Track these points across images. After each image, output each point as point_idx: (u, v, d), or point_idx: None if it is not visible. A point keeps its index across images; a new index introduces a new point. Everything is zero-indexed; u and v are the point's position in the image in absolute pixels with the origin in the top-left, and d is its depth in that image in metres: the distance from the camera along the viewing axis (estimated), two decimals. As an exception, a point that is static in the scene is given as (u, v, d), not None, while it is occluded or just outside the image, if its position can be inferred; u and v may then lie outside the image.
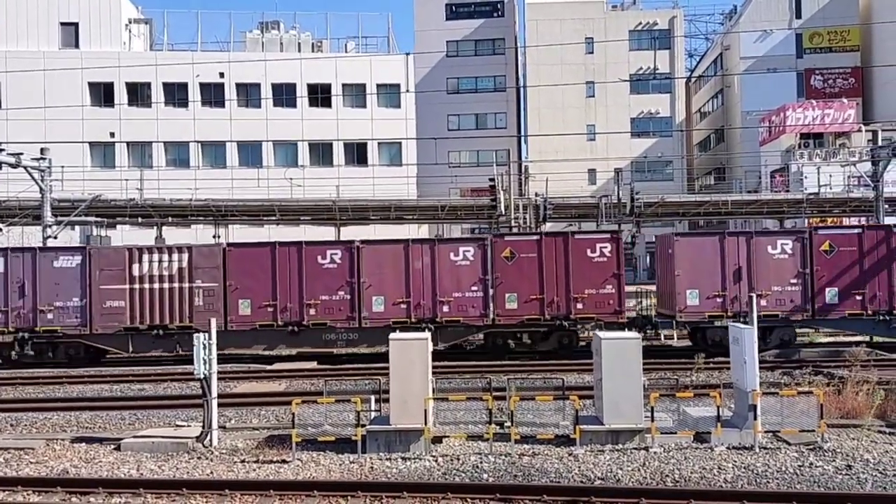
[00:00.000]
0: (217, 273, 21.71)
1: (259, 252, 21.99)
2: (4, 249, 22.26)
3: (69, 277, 21.68)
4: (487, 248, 21.56)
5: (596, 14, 57.82)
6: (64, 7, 48.74)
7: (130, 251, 21.95)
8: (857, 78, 53.45)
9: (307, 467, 11.44)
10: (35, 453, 12.59)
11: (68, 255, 21.94)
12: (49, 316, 21.66)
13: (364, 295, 21.55)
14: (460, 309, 21.52)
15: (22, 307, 21.75)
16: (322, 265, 21.67)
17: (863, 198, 33.44)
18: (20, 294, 21.74)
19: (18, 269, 21.78)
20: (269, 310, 21.72)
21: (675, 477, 10.52)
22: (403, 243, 21.94)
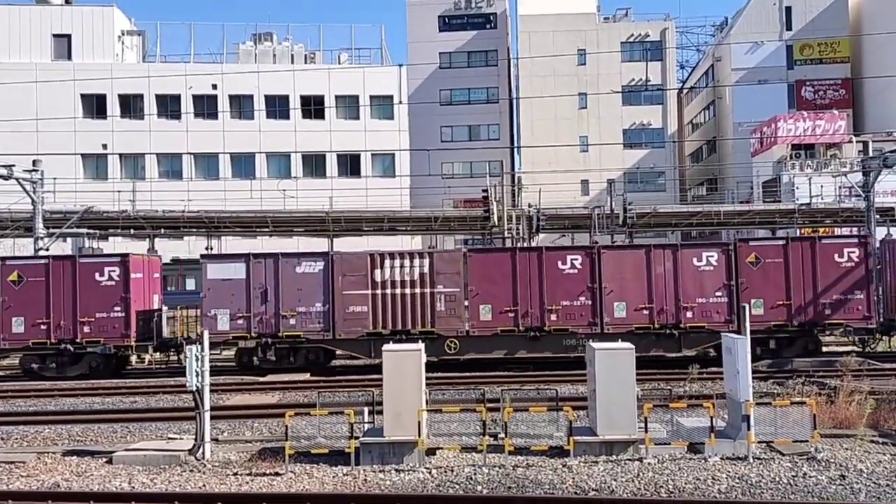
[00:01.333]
0: (458, 278, 21.70)
1: (499, 258, 22.08)
2: (247, 255, 22.20)
3: (312, 283, 21.69)
4: (731, 253, 21.50)
5: (588, 26, 58.12)
6: (56, 19, 48.77)
7: (372, 256, 21.92)
8: (847, 89, 53.82)
9: (300, 480, 11.38)
10: (26, 467, 12.49)
11: (311, 260, 21.98)
12: (291, 321, 21.64)
13: (605, 300, 21.42)
14: (704, 314, 21.39)
15: (264, 313, 21.68)
16: (562, 270, 21.61)
17: (854, 208, 33.61)
18: (263, 300, 21.70)
19: (261, 274, 21.75)
20: (509, 315, 21.59)
21: (669, 488, 10.51)
22: (645, 248, 21.97)
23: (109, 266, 22.07)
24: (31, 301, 21.88)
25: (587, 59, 57.20)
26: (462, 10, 59.67)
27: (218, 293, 21.65)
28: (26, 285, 21.95)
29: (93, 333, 21.88)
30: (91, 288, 21.94)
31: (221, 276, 21.76)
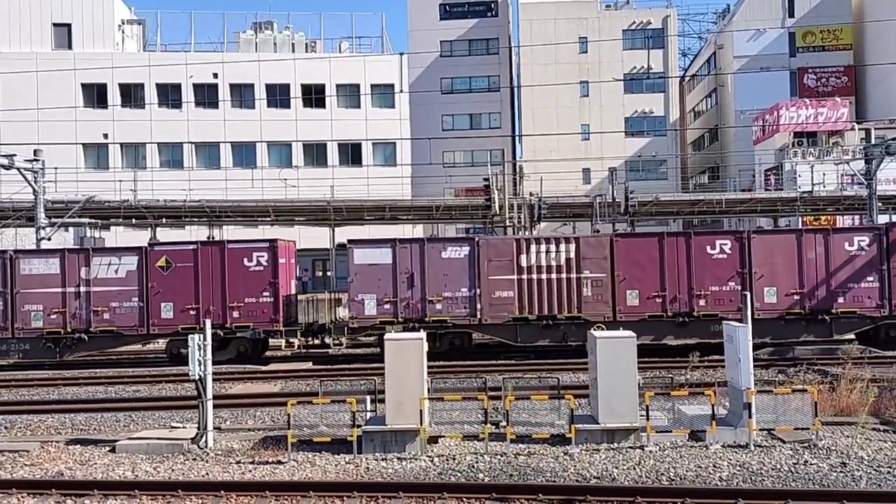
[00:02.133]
0: (605, 263, 21.67)
1: (647, 243, 22.03)
2: (393, 240, 22.23)
3: (457, 268, 21.73)
4: (882, 237, 21.44)
5: (589, 13, 57.86)
6: (56, 8, 48.58)
7: (518, 242, 21.98)
8: (849, 76, 53.60)
9: (303, 468, 11.43)
10: (30, 455, 12.55)
11: (456, 245, 22.07)
12: (438, 306, 21.68)
13: (755, 286, 21.33)
14: (856, 300, 21.38)
15: (411, 297, 21.72)
16: (711, 255, 21.59)
17: (856, 196, 33.53)
18: (409, 284, 21.75)
19: (407, 259, 21.77)
20: (657, 301, 21.63)
21: (671, 475, 10.54)
22: (796, 233, 21.98)
23: (258, 251, 22.09)
24: (180, 287, 21.86)
25: (589, 46, 56.96)
26: (463, -2, 59.44)
27: (365, 278, 21.70)
28: (175, 271, 21.90)
29: (241, 318, 21.87)
30: (240, 273, 21.91)
31: (368, 261, 21.80)
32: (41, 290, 21.93)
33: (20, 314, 21.87)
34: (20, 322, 21.85)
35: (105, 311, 21.88)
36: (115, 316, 21.90)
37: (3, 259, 21.98)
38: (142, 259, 21.92)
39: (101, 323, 21.94)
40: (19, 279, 21.92)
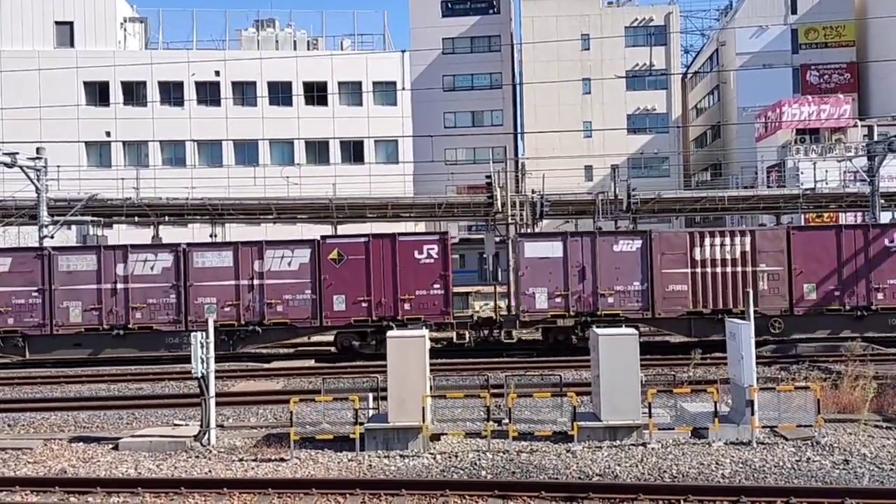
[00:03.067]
0: (781, 257, 21.46)
1: (824, 235, 21.88)
2: (564, 234, 22.32)
3: (629, 261, 21.59)
4: None
5: (592, 10, 57.81)
6: (59, 6, 48.58)
7: (692, 235, 21.82)
8: (852, 73, 53.49)
9: (305, 465, 11.44)
10: (33, 453, 12.57)
11: (628, 239, 21.98)
12: (610, 300, 21.55)
13: None
14: None
15: (582, 291, 21.60)
16: (889, 248, 21.45)
17: (859, 193, 33.46)
18: (580, 278, 21.63)
19: (578, 253, 21.67)
20: (834, 294, 21.46)
21: (673, 472, 10.54)
22: None
23: (429, 244, 22.01)
24: (352, 279, 21.79)
25: (591, 44, 56.93)
26: (465, -5, 59.41)
27: (536, 271, 21.63)
28: (347, 263, 21.84)
29: (413, 311, 21.77)
30: (411, 265, 21.81)
31: (539, 254, 21.75)
32: (214, 282, 21.91)
33: (193, 307, 21.83)
34: (194, 315, 21.77)
35: (278, 303, 21.78)
36: (288, 308, 21.83)
37: (176, 252, 21.97)
38: (314, 252, 21.86)
39: (274, 315, 21.83)
40: (193, 272, 21.85)
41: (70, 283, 21.90)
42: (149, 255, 22.08)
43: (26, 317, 21.86)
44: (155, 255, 22.11)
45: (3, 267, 21.94)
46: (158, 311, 21.91)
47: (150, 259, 22.01)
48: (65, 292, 21.90)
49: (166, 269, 21.90)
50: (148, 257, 22.03)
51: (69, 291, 21.90)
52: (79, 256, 22.14)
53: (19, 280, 21.91)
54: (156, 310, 21.90)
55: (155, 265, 21.96)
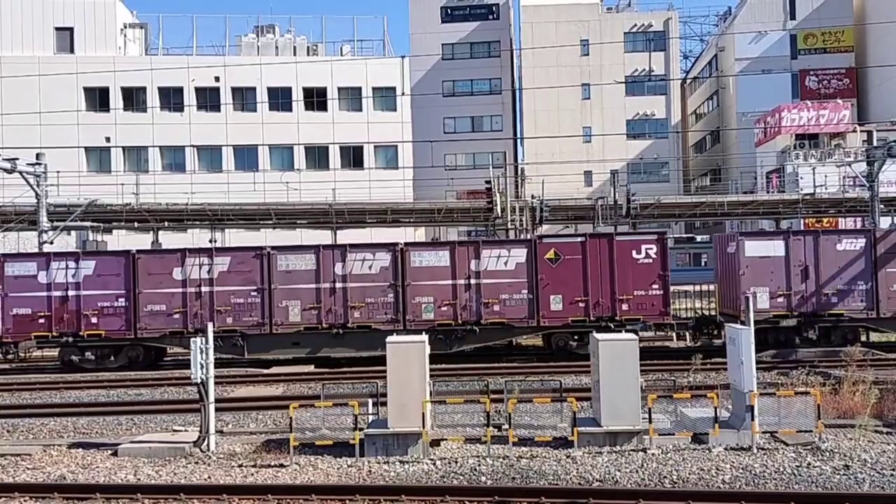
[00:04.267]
0: None
1: None
2: (785, 232, 21.97)
3: (853, 261, 21.37)
4: None
5: (591, 16, 57.93)
6: (59, 12, 48.70)
7: None
8: (851, 78, 53.58)
9: (305, 471, 11.42)
10: (32, 459, 12.54)
11: (851, 237, 21.72)
12: (833, 299, 21.30)
13: None
14: None
15: (804, 291, 21.38)
16: None
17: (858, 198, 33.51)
18: (802, 278, 21.42)
19: (800, 252, 21.46)
20: None
21: (674, 478, 10.52)
22: None
23: (646, 244, 21.79)
24: (569, 279, 21.60)
25: (590, 49, 57.06)
26: (464, 1, 59.52)
27: (756, 271, 21.44)
28: (563, 263, 21.67)
29: (631, 311, 21.55)
30: (629, 265, 21.60)
31: (760, 253, 21.56)
32: (431, 282, 21.75)
33: (411, 306, 21.71)
34: (411, 314, 21.66)
35: (495, 302, 21.59)
36: (505, 308, 21.65)
37: (394, 251, 21.89)
38: (531, 251, 21.75)
39: (491, 315, 21.63)
40: (410, 271, 21.74)
41: (289, 283, 21.74)
42: (367, 255, 21.97)
43: (245, 316, 21.73)
44: (373, 254, 21.98)
45: (223, 266, 21.82)
46: (377, 310, 21.74)
47: (369, 258, 21.90)
48: (284, 291, 21.74)
49: (384, 269, 21.75)
50: (366, 256, 21.92)
51: (288, 291, 21.76)
52: (297, 256, 21.99)
53: (238, 279, 21.78)
54: (374, 309, 21.74)
55: (373, 264, 21.86)
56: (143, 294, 21.72)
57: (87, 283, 21.75)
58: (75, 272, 21.79)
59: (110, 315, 21.75)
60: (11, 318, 21.71)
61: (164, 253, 23.36)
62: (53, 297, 21.75)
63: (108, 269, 21.87)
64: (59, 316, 21.68)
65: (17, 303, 21.77)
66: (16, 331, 21.79)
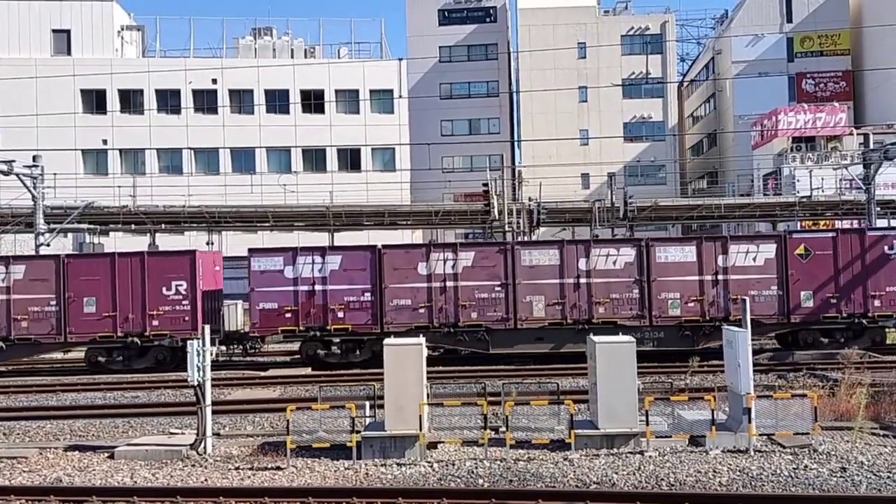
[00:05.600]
0: None
1: None
2: None
3: None
4: None
5: (588, 19, 57.98)
6: (56, 14, 48.68)
7: None
8: (848, 81, 53.68)
9: (302, 474, 11.40)
10: (28, 462, 12.52)
11: None
12: None
13: None
14: None
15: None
16: None
17: (855, 201, 33.57)
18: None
19: None
20: None
21: (671, 480, 10.53)
22: None
23: None
24: (819, 274, 21.42)
25: (587, 52, 57.08)
26: (462, 4, 59.51)
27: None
28: (813, 259, 21.49)
29: (883, 307, 21.36)
30: (882, 262, 21.42)
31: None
32: (677, 277, 21.60)
33: (657, 302, 21.53)
34: (657, 310, 21.51)
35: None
36: (754, 304, 21.12)
37: (638, 246, 21.81)
38: (780, 247, 21.59)
39: (738, 312, 21.07)
40: (655, 267, 21.57)
41: (533, 278, 21.61)
42: (611, 250, 21.89)
43: (489, 311, 21.62)
44: (617, 249, 21.91)
45: (466, 262, 21.75)
46: (621, 306, 21.59)
47: (613, 254, 21.79)
48: (527, 287, 21.61)
49: (628, 264, 21.61)
50: (610, 252, 21.83)
51: (532, 286, 21.62)
52: (541, 251, 21.93)
53: (482, 274, 21.65)
54: (618, 305, 21.60)
55: (617, 260, 21.72)
56: (388, 289, 21.61)
57: (333, 278, 21.67)
58: (321, 267, 21.69)
59: (356, 310, 21.67)
60: (258, 312, 21.62)
61: (409, 248, 23.49)
62: (300, 291, 21.65)
63: (354, 263, 21.76)
64: (306, 310, 21.62)
65: (263, 297, 21.68)
66: (262, 325, 21.73)
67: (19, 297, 21.84)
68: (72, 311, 21.74)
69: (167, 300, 21.71)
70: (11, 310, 21.79)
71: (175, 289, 21.77)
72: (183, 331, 21.42)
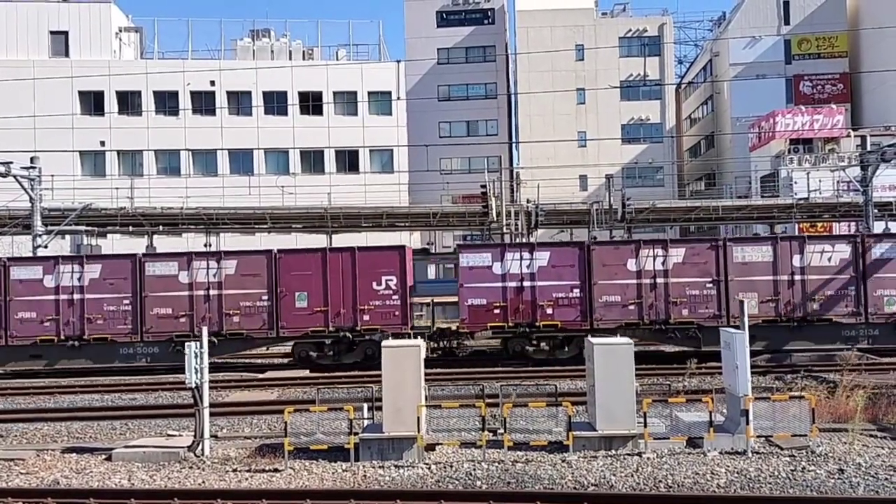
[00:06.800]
0: None
1: None
2: None
3: None
4: None
5: (586, 21, 58.03)
6: (54, 16, 48.65)
7: None
8: (845, 83, 53.79)
9: (300, 476, 11.39)
10: (25, 464, 12.49)
11: None
12: None
13: None
14: None
15: None
16: None
17: (852, 202, 33.60)
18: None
19: None
20: None
21: (669, 482, 10.53)
22: None
23: None
24: None
25: (585, 54, 57.12)
26: (460, 6, 59.55)
27: None
28: None
29: None
30: None
31: None
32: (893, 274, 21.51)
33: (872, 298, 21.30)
34: (872, 307, 21.33)
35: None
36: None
37: (854, 243, 21.65)
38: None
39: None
40: (871, 263, 21.45)
41: (745, 275, 21.49)
42: (826, 246, 21.77)
43: (700, 308, 21.51)
44: (832, 245, 21.80)
45: (677, 258, 21.64)
46: (836, 302, 21.45)
47: (828, 250, 21.68)
48: (740, 283, 21.43)
49: (844, 261, 21.47)
50: (825, 248, 21.71)
51: (744, 283, 21.44)
52: (754, 247, 21.79)
53: (693, 271, 21.58)
54: (833, 301, 21.45)
55: (832, 256, 21.62)
56: (597, 285, 21.54)
57: (541, 274, 21.61)
58: (529, 263, 21.65)
59: (565, 306, 21.61)
60: (467, 308, 21.62)
61: (618, 244, 23.41)
62: (508, 287, 21.60)
63: (563, 260, 21.74)
64: (515, 306, 21.55)
65: (472, 294, 21.68)
66: (471, 321, 21.72)
67: (231, 293, 21.91)
68: (284, 306, 21.74)
69: (377, 295, 21.71)
70: (223, 305, 21.85)
71: (385, 283, 21.78)
72: (393, 325, 21.51)
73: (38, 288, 22.19)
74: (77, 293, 22.12)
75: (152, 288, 22.00)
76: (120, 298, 22.03)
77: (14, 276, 22.18)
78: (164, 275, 22.04)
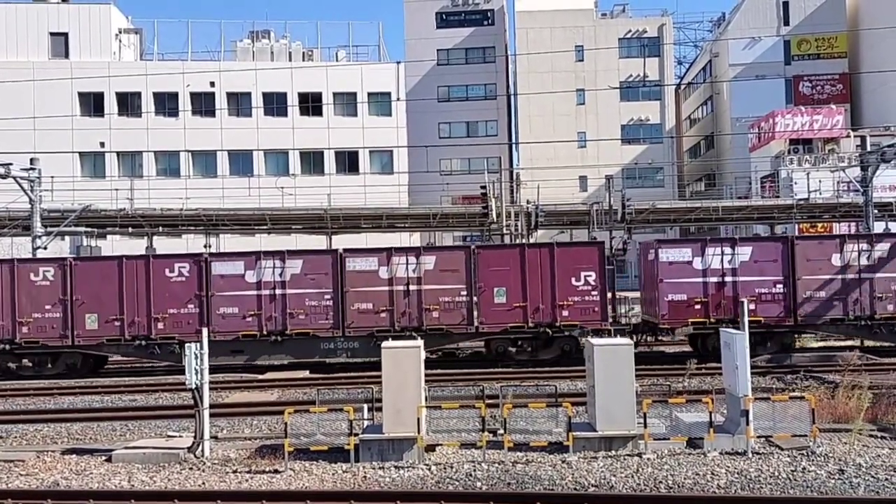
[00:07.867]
0: None
1: None
2: None
3: None
4: None
5: (585, 22, 58.08)
6: (54, 17, 48.69)
7: None
8: (844, 84, 53.82)
9: (300, 477, 11.38)
10: (25, 465, 12.48)
11: None
12: None
13: None
14: None
15: None
16: None
17: (852, 203, 33.61)
18: None
19: None
20: None
21: (669, 483, 10.52)
22: None
23: None
24: None
25: (585, 55, 57.17)
26: (459, 7, 59.61)
27: None
28: None
29: None
30: None
31: None
32: None
33: None
34: None
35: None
36: None
37: None
38: None
39: None
40: None
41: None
42: None
43: None
44: None
45: (881, 252, 21.53)
46: None
47: None
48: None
49: None
50: None
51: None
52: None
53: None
54: None
55: None
56: (801, 280, 21.37)
57: (743, 269, 21.44)
58: (731, 258, 21.51)
59: (768, 301, 21.43)
60: (667, 304, 21.48)
61: (822, 239, 23.35)
62: (709, 283, 21.48)
63: (765, 254, 21.56)
64: (716, 302, 21.40)
65: (672, 289, 21.53)
66: (672, 317, 21.53)
67: (430, 288, 21.72)
68: (482, 301, 21.63)
69: (576, 290, 21.52)
70: (422, 300, 21.65)
71: (584, 279, 21.59)
72: (592, 321, 21.31)
73: (240, 283, 21.87)
74: (279, 288, 21.81)
75: (353, 283, 21.71)
76: (321, 293, 21.78)
77: (216, 271, 21.84)
78: (365, 270, 21.84)
